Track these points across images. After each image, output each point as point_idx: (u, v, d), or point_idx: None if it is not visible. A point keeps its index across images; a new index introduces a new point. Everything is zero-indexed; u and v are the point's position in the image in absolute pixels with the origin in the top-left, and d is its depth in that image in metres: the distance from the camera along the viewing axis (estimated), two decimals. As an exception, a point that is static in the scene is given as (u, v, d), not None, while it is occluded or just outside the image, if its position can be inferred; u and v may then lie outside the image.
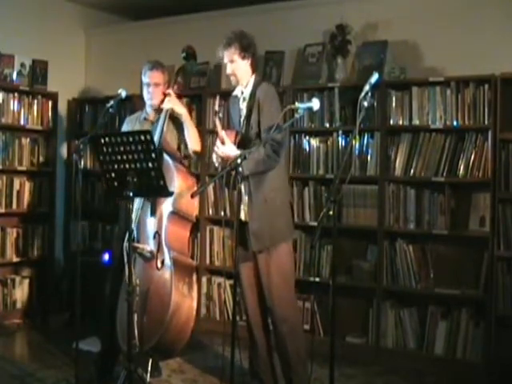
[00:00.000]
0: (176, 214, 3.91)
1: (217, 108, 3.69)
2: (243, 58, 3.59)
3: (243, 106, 3.65)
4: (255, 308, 3.70)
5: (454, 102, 4.39)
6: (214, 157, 3.57)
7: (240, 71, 3.60)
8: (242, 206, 3.55)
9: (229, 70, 3.63)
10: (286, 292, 3.58)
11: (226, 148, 3.49)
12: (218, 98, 3.51)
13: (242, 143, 3.54)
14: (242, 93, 3.66)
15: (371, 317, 4.66)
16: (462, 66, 4.46)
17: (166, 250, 3.84)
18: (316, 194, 4.88)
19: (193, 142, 4.05)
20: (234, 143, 3.53)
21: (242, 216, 3.56)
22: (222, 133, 3.52)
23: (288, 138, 4.74)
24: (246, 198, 3.55)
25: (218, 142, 3.52)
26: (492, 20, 4.48)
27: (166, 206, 3.87)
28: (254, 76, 3.66)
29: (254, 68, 3.67)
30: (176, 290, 3.77)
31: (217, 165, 3.63)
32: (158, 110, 4.08)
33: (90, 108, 6.19)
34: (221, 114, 3.63)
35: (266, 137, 3.38)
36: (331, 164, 4.82)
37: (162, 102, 4.05)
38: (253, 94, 3.57)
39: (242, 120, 3.63)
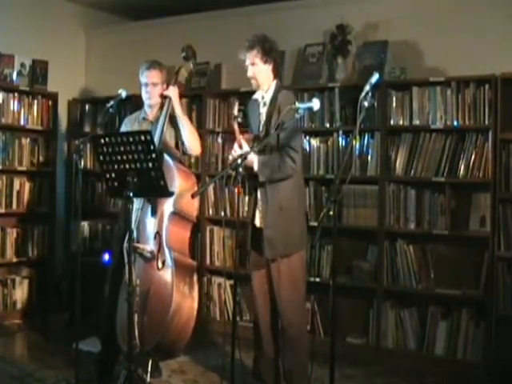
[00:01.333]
0: (177, 215, 3.91)
1: (235, 112, 3.67)
2: (265, 62, 3.57)
3: (263, 110, 3.63)
4: (266, 312, 3.70)
5: (455, 102, 4.39)
6: (231, 159, 3.55)
7: (261, 75, 3.59)
8: (256, 212, 3.56)
9: (249, 73, 3.61)
10: (296, 300, 3.58)
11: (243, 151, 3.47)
12: (237, 102, 3.52)
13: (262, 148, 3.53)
14: (263, 97, 3.64)
15: (371, 317, 4.66)
16: (463, 66, 4.46)
17: (166, 250, 3.83)
18: (316, 194, 4.88)
19: (191, 143, 4.02)
20: (252, 148, 3.53)
21: (257, 222, 3.57)
22: (239, 137, 3.52)
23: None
24: (261, 205, 3.55)
25: (236, 146, 3.52)
26: (492, 20, 4.48)
27: (167, 206, 3.87)
28: (275, 81, 3.64)
29: (276, 73, 3.65)
30: (177, 291, 3.76)
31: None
32: (160, 109, 4.08)
33: (90, 108, 6.19)
34: (240, 119, 3.61)
35: (281, 144, 3.38)
36: (331, 164, 4.82)
37: (162, 97, 4.06)
38: (273, 100, 3.55)
39: (261, 125, 3.61)
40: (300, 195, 3.68)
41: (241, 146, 3.51)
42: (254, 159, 3.45)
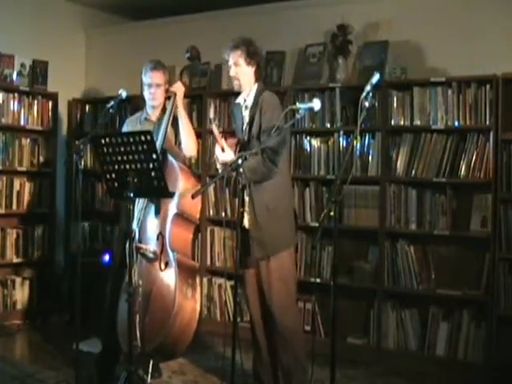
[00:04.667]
0: (180, 216, 3.89)
1: (211, 116, 3.68)
2: (248, 63, 3.57)
3: (245, 113, 3.63)
4: (258, 313, 3.69)
5: (456, 102, 4.38)
6: (218, 166, 3.59)
7: (244, 76, 3.59)
8: (244, 213, 3.56)
9: (232, 73, 3.61)
10: (287, 298, 3.58)
11: (225, 155, 3.50)
12: (212, 105, 3.47)
13: (243, 149, 3.53)
14: (245, 101, 3.64)
15: (372, 318, 4.65)
16: (464, 66, 4.45)
17: (169, 251, 3.82)
18: (317, 195, 4.87)
19: (188, 144, 4.01)
20: (235, 151, 3.53)
21: (246, 223, 3.57)
22: (221, 141, 3.52)
23: (289, 139, 4.71)
24: (248, 206, 3.54)
25: (218, 149, 3.53)
26: (494, 20, 4.47)
27: (171, 207, 3.85)
28: (256, 84, 3.64)
29: (258, 77, 3.65)
30: (179, 292, 3.75)
31: (220, 171, 3.62)
32: (163, 110, 4.07)
33: (90, 108, 6.18)
34: (216, 122, 3.59)
35: (262, 142, 3.38)
36: (332, 164, 4.81)
37: (166, 98, 4.06)
38: (255, 103, 3.56)
39: (244, 128, 3.62)
40: (286, 194, 3.67)
41: (223, 150, 3.51)
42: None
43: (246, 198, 3.54)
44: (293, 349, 3.56)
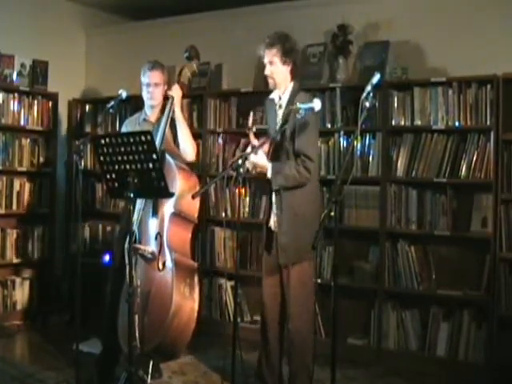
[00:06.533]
0: (178, 215, 3.89)
1: (250, 124, 3.63)
2: (284, 62, 3.51)
3: (279, 112, 3.58)
4: (275, 317, 3.68)
5: (456, 102, 4.38)
6: (248, 163, 3.50)
7: (279, 75, 3.53)
8: (271, 214, 3.56)
9: (267, 72, 3.55)
10: (304, 304, 3.55)
11: (257, 157, 3.45)
12: (251, 113, 3.45)
13: (276, 152, 3.52)
14: (280, 98, 3.60)
15: (373, 318, 4.65)
16: (464, 66, 4.45)
17: (167, 251, 3.82)
18: (317, 195, 4.86)
19: (186, 147, 4.00)
20: (268, 152, 3.51)
21: (272, 225, 3.57)
22: (254, 141, 3.52)
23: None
24: (276, 211, 3.52)
25: (250, 149, 3.51)
26: (494, 20, 4.47)
27: (168, 207, 3.85)
28: (292, 83, 3.58)
29: (294, 75, 3.57)
30: (177, 292, 3.74)
31: (252, 172, 3.59)
32: (161, 110, 4.07)
33: (91, 108, 6.18)
34: (254, 129, 3.55)
35: (296, 151, 3.37)
36: (333, 165, 4.80)
37: (165, 98, 4.05)
38: (290, 103, 3.48)
39: (277, 128, 3.55)
40: (315, 201, 3.62)
41: (253, 147, 3.49)
42: (267, 166, 3.44)
43: (274, 202, 3.53)
44: (302, 353, 3.56)
